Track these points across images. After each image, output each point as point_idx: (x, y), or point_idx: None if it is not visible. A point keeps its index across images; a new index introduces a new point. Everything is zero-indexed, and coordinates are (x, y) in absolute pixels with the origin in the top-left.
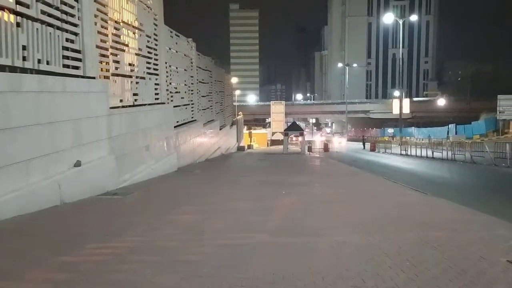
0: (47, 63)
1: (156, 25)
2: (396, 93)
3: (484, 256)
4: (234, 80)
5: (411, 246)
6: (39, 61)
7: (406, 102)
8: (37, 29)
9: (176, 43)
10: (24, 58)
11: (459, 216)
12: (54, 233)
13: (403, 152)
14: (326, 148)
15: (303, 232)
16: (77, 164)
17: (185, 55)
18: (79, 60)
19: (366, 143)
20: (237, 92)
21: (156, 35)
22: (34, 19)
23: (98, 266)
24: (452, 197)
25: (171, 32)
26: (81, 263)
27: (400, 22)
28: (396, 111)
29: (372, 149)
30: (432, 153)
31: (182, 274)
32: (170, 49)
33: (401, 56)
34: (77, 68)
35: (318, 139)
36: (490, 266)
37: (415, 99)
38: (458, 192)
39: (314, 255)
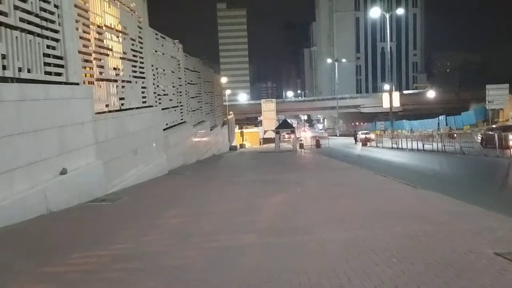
0: (28, 71)
1: (140, 28)
2: (386, 86)
3: (471, 249)
4: (224, 79)
5: (398, 241)
6: (19, 70)
7: (396, 95)
8: (16, 37)
9: (162, 45)
10: (4, 67)
11: (447, 208)
12: (39, 243)
13: (395, 146)
14: (318, 144)
15: (292, 231)
16: (63, 172)
17: (172, 57)
18: (62, 66)
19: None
20: (228, 92)
21: (141, 38)
22: (13, 27)
23: (82, 276)
24: (442, 189)
25: (156, 34)
26: (65, 273)
27: (387, 16)
28: (386, 104)
29: (364, 144)
30: (423, 145)
31: (166, 281)
32: (156, 51)
33: (389, 50)
34: (59, 74)
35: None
36: (477, 259)
37: (405, 92)
38: (448, 184)
39: (302, 254)
